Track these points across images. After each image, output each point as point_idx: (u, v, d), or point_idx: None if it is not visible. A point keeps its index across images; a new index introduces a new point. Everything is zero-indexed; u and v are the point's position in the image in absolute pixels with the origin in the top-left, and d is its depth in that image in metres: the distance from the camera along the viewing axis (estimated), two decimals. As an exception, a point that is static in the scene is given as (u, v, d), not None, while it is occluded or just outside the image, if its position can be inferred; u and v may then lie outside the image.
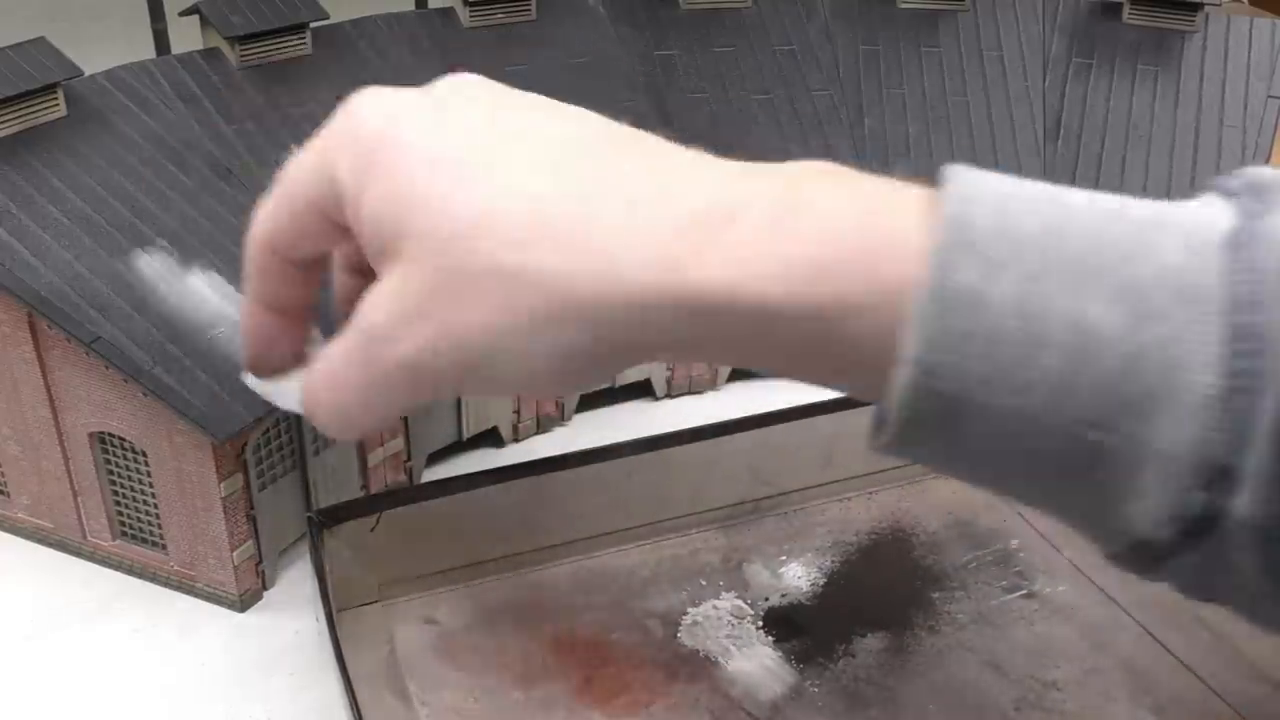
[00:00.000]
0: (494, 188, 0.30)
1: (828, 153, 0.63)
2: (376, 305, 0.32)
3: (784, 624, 0.47)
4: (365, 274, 0.36)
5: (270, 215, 0.34)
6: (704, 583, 0.49)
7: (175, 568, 0.48)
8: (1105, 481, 0.27)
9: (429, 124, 0.32)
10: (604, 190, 0.30)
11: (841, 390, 0.30)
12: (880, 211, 0.28)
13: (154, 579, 0.49)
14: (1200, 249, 0.26)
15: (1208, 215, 0.27)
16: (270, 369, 0.37)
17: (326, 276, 0.37)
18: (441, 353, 0.31)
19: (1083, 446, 0.26)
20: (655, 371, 0.61)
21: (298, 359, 0.37)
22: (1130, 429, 0.26)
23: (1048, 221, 0.27)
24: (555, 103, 0.33)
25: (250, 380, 0.38)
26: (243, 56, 0.53)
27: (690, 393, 0.62)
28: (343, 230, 0.33)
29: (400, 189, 0.31)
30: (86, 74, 0.48)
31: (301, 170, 0.34)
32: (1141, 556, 0.28)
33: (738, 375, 0.63)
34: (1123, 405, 0.25)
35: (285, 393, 0.37)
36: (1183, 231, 0.26)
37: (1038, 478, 0.28)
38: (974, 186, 0.27)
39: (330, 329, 0.35)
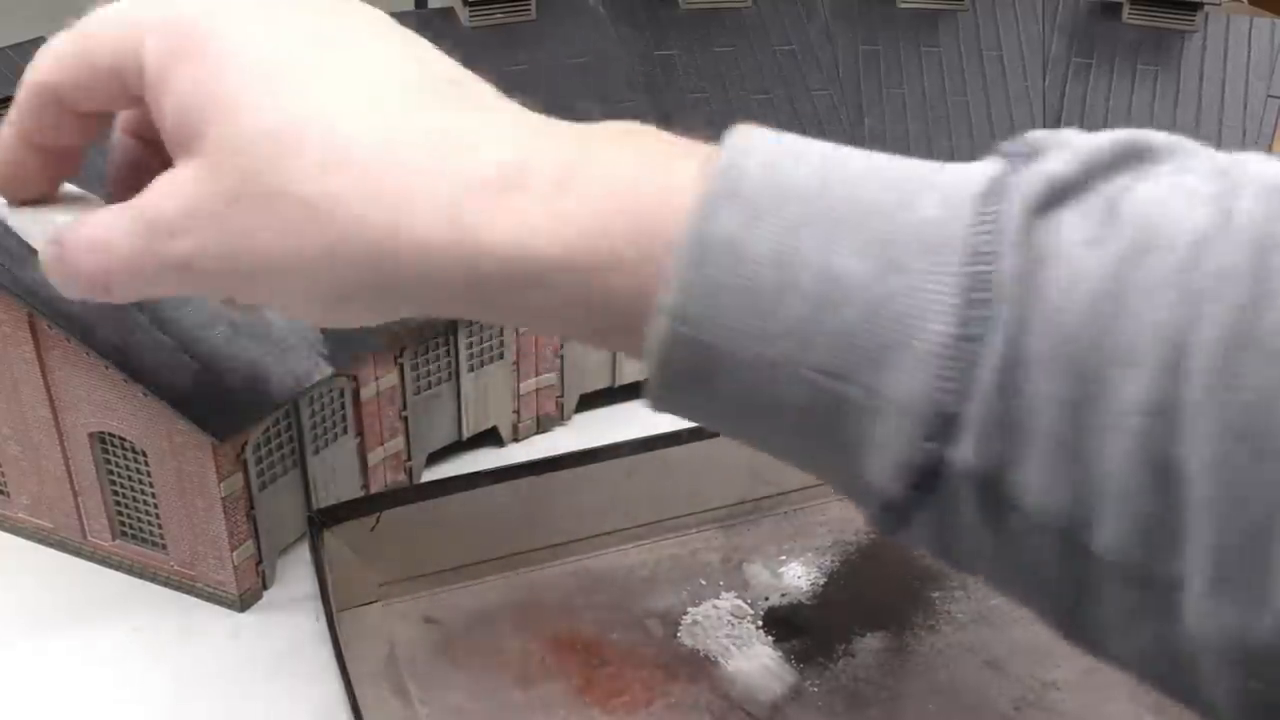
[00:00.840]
0: (306, 107, 0.30)
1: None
2: (166, 194, 0.31)
3: (784, 624, 0.47)
4: (147, 141, 0.36)
5: (59, 61, 0.33)
6: (704, 583, 0.49)
7: (175, 568, 0.48)
8: (846, 434, 0.27)
9: (252, 21, 0.31)
10: (411, 134, 0.30)
11: (620, 351, 0.30)
12: (659, 168, 0.28)
13: (154, 579, 0.49)
14: (955, 204, 0.26)
15: (974, 173, 0.27)
16: (14, 199, 0.37)
17: (105, 130, 0.37)
18: (221, 259, 0.31)
19: (824, 397, 0.26)
20: (655, 371, 0.61)
21: (46, 198, 0.37)
22: (867, 379, 0.26)
23: (817, 175, 0.27)
24: (386, 21, 0.33)
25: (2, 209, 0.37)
26: (243, 56, 0.53)
27: (690, 393, 0.62)
28: (134, 99, 0.33)
29: (210, 85, 0.30)
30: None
31: (104, 29, 0.33)
32: (888, 516, 0.28)
33: (738, 375, 0.63)
34: (861, 355, 0.25)
35: (23, 225, 0.37)
36: (944, 188, 0.26)
37: (789, 432, 0.28)
38: (751, 140, 0.28)
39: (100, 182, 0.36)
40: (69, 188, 0.38)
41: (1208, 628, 0.24)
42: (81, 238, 0.33)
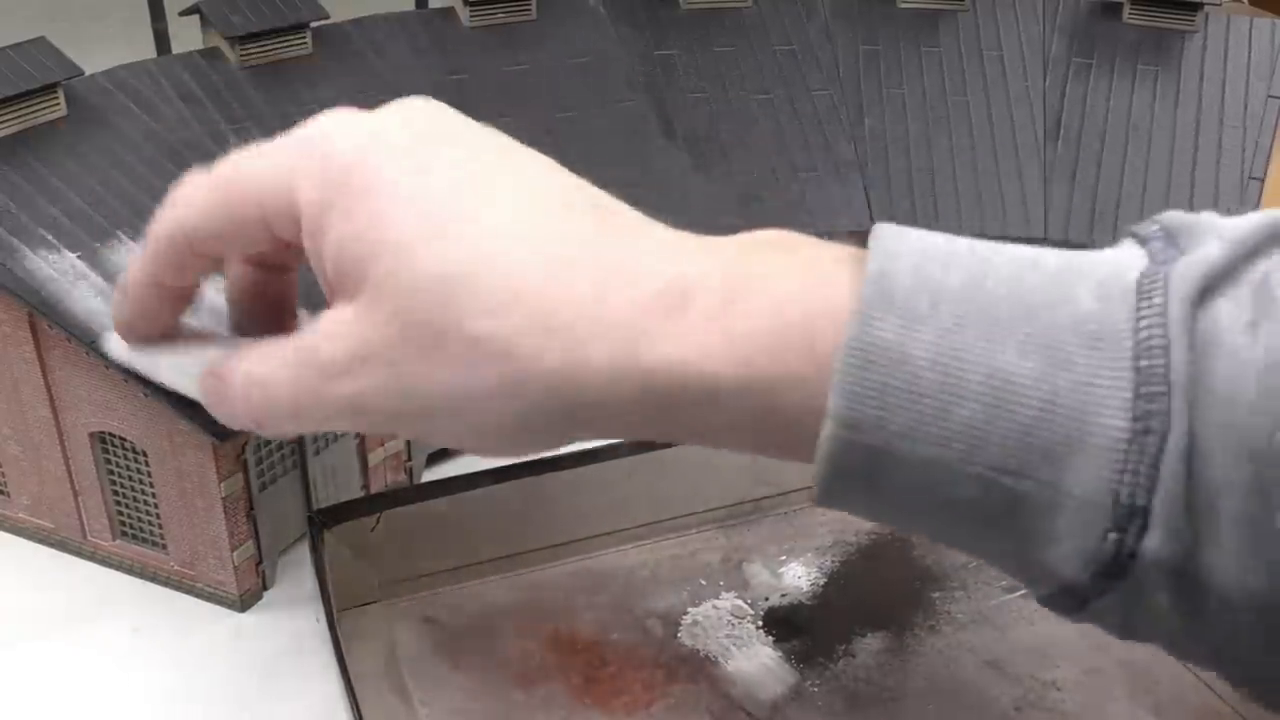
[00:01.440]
0: (469, 248, 0.31)
1: (827, 152, 0.63)
2: (331, 336, 0.32)
3: (784, 624, 0.47)
4: (269, 269, 0.37)
5: (199, 208, 0.34)
6: (704, 583, 0.49)
7: (175, 568, 0.48)
8: (1025, 527, 0.27)
9: (407, 165, 0.32)
10: (573, 264, 0.30)
11: (795, 461, 0.30)
12: (818, 283, 0.29)
13: (154, 579, 0.49)
14: (1110, 295, 0.26)
15: (1120, 262, 0.27)
16: (139, 340, 0.38)
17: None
18: (394, 399, 0.32)
19: (1001, 494, 0.27)
20: (655, 371, 0.61)
21: (167, 335, 0.38)
22: (1045, 475, 0.26)
23: (966, 275, 0.27)
24: (529, 155, 0.34)
25: (113, 346, 0.39)
26: (243, 56, 0.53)
27: (690, 393, 0.62)
28: (277, 242, 0.34)
29: (371, 230, 0.31)
30: (86, 74, 0.48)
31: (254, 177, 0.33)
32: (1068, 599, 0.28)
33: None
34: (1037, 452, 0.26)
35: (154, 365, 0.38)
36: (1095, 279, 0.27)
37: (961, 525, 0.28)
38: (897, 243, 0.28)
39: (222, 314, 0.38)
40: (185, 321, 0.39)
41: None
42: (240, 373, 0.34)
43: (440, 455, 0.56)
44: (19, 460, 0.49)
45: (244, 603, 0.47)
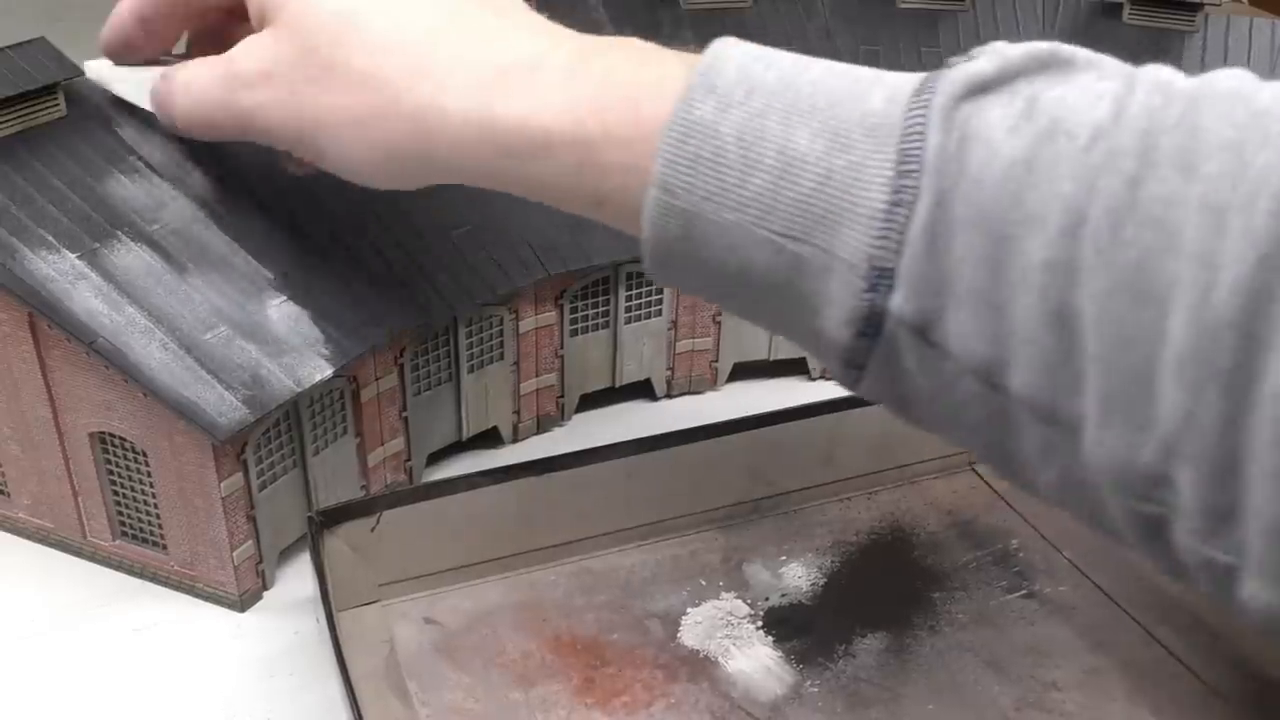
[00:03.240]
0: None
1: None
2: (248, 53, 0.40)
3: (784, 624, 0.47)
4: (224, 12, 0.45)
5: None
6: (704, 583, 0.49)
7: (175, 568, 0.48)
8: (806, 291, 0.31)
9: None
10: (449, 25, 0.37)
11: (605, 221, 0.36)
12: (651, 65, 0.34)
13: (154, 579, 0.49)
14: (896, 97, 0.30)
15: (918, 74, 0.31)
16: (118, 61, 0.47)
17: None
18: (280, 111, 0.40)
19: (786, 258, 0.31)
20: (655, 371, 0.61)
21: (147, 62, 0.47)
22: (819, 240, 0.30)
23: (781, 74, 0.32)
24: None
25: (95, 67, 0.47)
26: (243, 56, 0.53)
27: (690, 393, 0.62)
28: None
29: None
30: (86, 74, 0.48)
31: None
32: (849, 370, 0.32)
33: (738, 375, 0.63)
34: (815, 219, 0.30)
35: (126, 86, 0.47)
36: (890, 85, 0.31)
37: (761, 293, 0.32)
38: (729, 46, 0.33)
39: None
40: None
41: (1102, 457, 0.28)
42: (178, 80, 0.43)
43: (440, 455, 0.56)
44: (19, 460, 0.49)
45: (244, 603, 0.47)
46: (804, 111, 0.31)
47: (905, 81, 0.31)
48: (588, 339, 0.58)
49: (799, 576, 0.49)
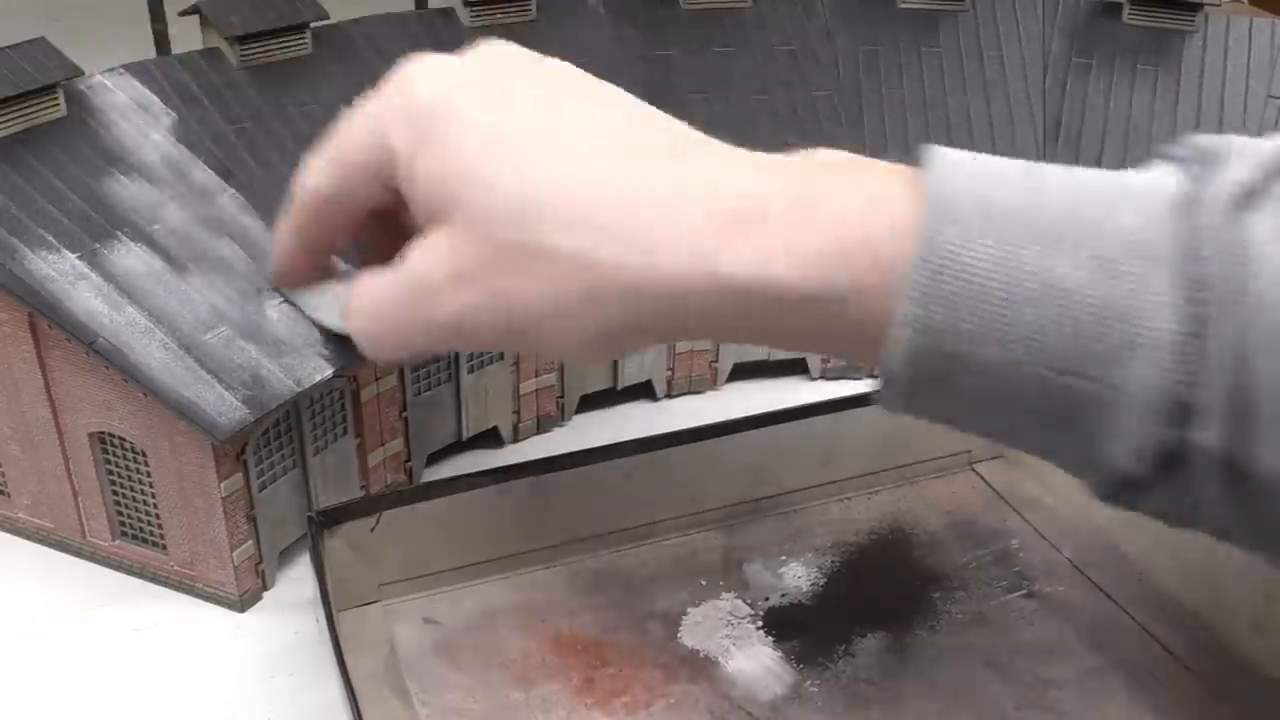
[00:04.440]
0: (546, 171, 0.34)
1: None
2: (427, 260, 0.36)
3: (784, 624, 0.47)
4: (381, 215, 0.41)
5: (321, 170, 0.39)
6: (704, 583, 0.49)
7: (175, 568, 0.48)
8: (1083, 425, 0.29)
9: (483, 99, 0.35)
10: (645, 182, 0.33)
11: (847, 359, 0.35)
12: (880, 199, 0.31)
13: (154, 579, 0.49)
14: (1153, 212, 0.29)
15: (1159, 182, 0.30)
16: (291, 286, 0.44)
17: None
18: (485, 314, 0.35)
19: (1059, 393, 0.29)
20: (655, 372, 0.61)
21: (316, 279, 0.44)
22: (1100, 374, 0.29)
23: (1021, 194, 0.30)
24: (597, 84, 0.37)
25: (291, 295, 0.45)
26: (243, 56, 0.53)
27: (690, 393, 0.62)
28: (391, 192, 0.37)
29: (455, 161, 0.35)
30: (86, 74, 0.48)
31: (354, 132, 0.38)
32: (1125, 493, 0.30)
33: (738, 375, 0.63)
34: (1092, 353, 0.28)
35: (311, 306, 0.44)
36: (1138, 198, 0.29)
37: (1026, 423, 0.31)
38: (949, 163, 0.31)
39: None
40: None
41: None
42: (360, 304, 0.39)
43: (440, 455, 0.56)
44: (19, 460, 0.49)
45: (244, 603, 0.47)
46: (1058, 236, 0.29)
47: (1156, 191, 0.29)
48: (588, 339, 0.58)
49: (799, 576, 0.49)
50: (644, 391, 0.61)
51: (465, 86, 0.36)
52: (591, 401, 0.60)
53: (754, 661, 0.45)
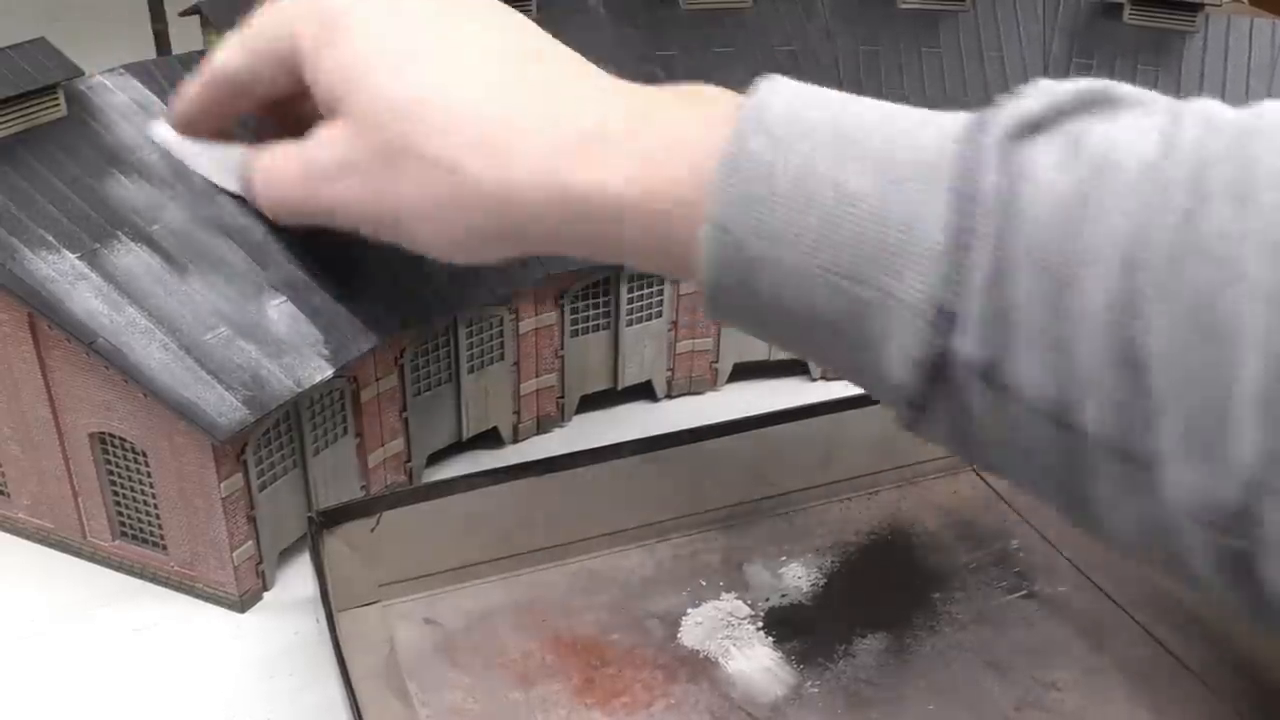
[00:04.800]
0: (428, 83, 0.37)
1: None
2: (322, 144, 0.40)
3: (784, 624, 0.47)
4: (285, 106, 0.45)
5: (234, 51, 0.43)
6: (704, 583, 0.49)
7: (175, 568, 0.48)
8: (865, 331, 0.31)
9: (383, 10, 0.39)
10: (514, 101, 0.37)
11: (676, 277, 0.37)
12: (709, 119, 0.33)
13: (154, 579, 0.49)
14: (945, 136, 0.30)
15: (966, 114, 0.31)
16: (188, 134, 0.47)
17: None
18: (364, 204, 0.40)
19: (844, 297, 0.31)
20: (655, 372, 0.61)
21: (213, 138, 0.47)
22: (878, 281, 0.30)
23: (831, 113, 0.32)
24: (498, 8, 0.41)
25: (161, 132, 0.47)
26: (243, 56, 0.53)
27: (690, 393, 0.62)
28: (291, 80, 0.42)
29: (352, 62, 0.39)
30: (86, 74, 0.48)
31: (267, 25, 0.42)
32: (912, 411, 0.31)
33: (738, 375, 0.63)
34: (871, 259, 0.30)
35: (202, 161, 0.47)
36: (939, 126, 0.31)
37: (823, 334, 0.32)
38: (777, 85, 0.33)
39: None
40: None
41: (1182, 495, 0.27)
42: (259, 172, 0.44)
43: (440, 455, 0.56)
44: (19, 460, 0.49)
45: (244, 603, 0.47)
46: (855, 150, 0.31)
47: (954, 121, 0.31)
48: (588, 339, 0.58)
49: (799, 577, 0.49)
50: (644, 392, 0.61)
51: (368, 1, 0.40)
52: (591, 401, 0.60)
53: (754, 662, 0.45)
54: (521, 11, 0.59)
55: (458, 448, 0.57)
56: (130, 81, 0.50)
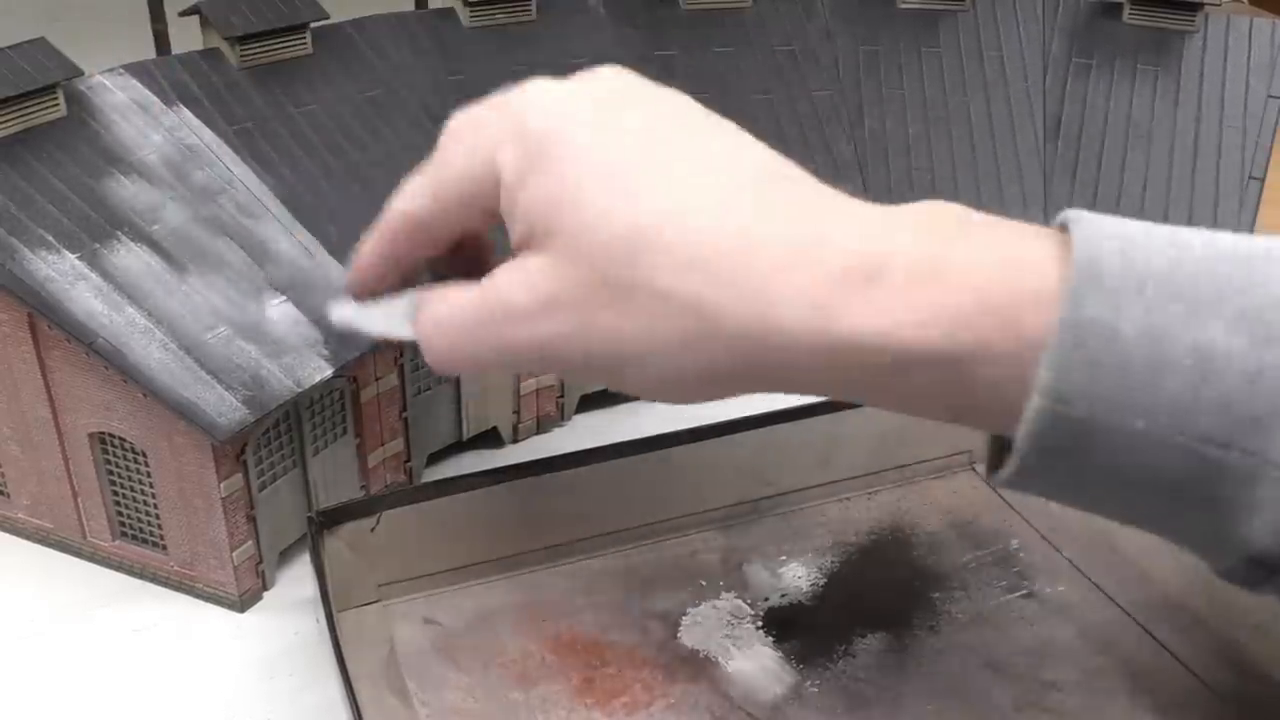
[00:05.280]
0: (658, 206, 0.32)
1: (828, 152, 0.63)
2: (517, 283, 0.34)
3: (784, 624, 0.47)
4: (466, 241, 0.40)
5: (420, 193, 0.37)
6: (704, 583, 0.49)
7: (175, 568, 0.48)
8: (1224, 498, 0.28)
9: (597, 128, 0.34)
10: (761, 228, 0.31)
11: (974, 427, 0.32)
12: (1015, 262, 0.30)
13: (154, 579, 0.49)
14: None
15: None
16: (362, 297, 0.41)
17: None
18: (575, 345, 0.34)
19: (1204, 465, 0.28)
20: (655, 371, 0.61)
21: (393, 292, 0.41)
22: (1249, 444, 0.27)
23: (1168, 259, 0.28)
24: (714, 119, 0.35)
25: (339, 311, 0.41)
26: (243, 57, 0.53)
27: (690, 393, 0.62)
28: (487, 217, 0.37)
29: (564, 189, 0.33)
30: (86, 74, 0.48)
31: (459, 156, 0.36)
32: (1256, 570, 0.29)
33: (738, 375, 0.63)
34: (1242, 423, 0.27)
35: (377, 322, 0.41)
36: None
37: (1159, 500, 0.29)
38: (1099, 229, 0.29)
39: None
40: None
41: None
42: (434, 321, 0.37)
43: (440, 456, 0.56)
44: (19, 460, 0.49)
45: (244, 603, 0.47)
46: (1207, 299, 0.28)
47: None
48: (588, 339, 0.58)
49: (799, 576, 0.49)
50: (644, 391, 0.61)
51: (581, 113, 0.34)
52: (591, 401, 0.60)
53: (754, 661, 0.45)
54: (521, 12, 0.60)
55: (458, 448, 0.57)
56: (130, 81, 0.50)
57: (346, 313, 0.41)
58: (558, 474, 0.48)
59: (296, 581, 0.48)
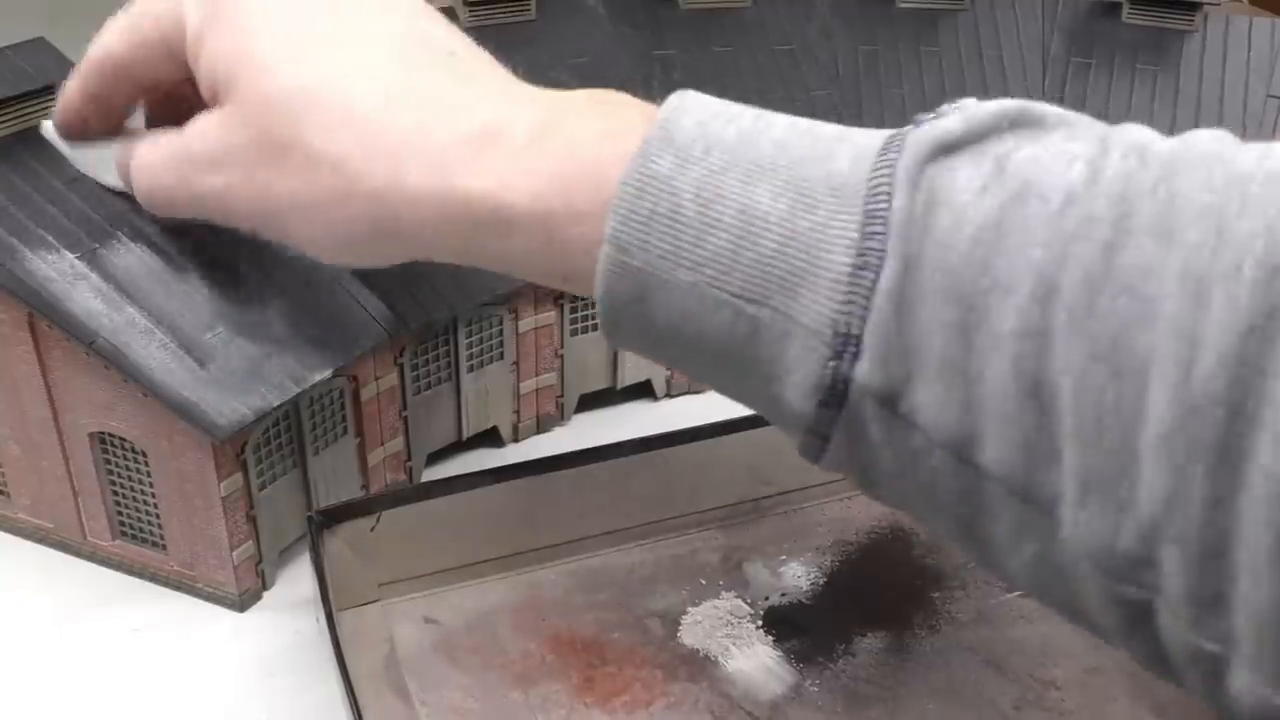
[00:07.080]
0: (317, 73, 0.35)
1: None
2: (201, 135, 0.38)
3: (784, 624, 0.47)
4: (176, 97, 0.42)
5: (116, 33, 0.41)
6: (704, 582, 0.49)
7: (175, 568, 0.48)
8: (764, 358, 0.30)
9: None
10: (408, 97, 0.34)
11: (567, 291, 0.35)
12: (615, 132, 0.32)
13: (154, 579, 0.49)
14: (862, 156, 0.29)
15: (884, 132, 0.30)
16: (73, 140, 0.44)
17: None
18: (242, 198, 0.37)
19: (743, 322, 0.29)
20: (655, 372, 0.61)
21: (106, 134, 0.43)
22: (779, 304, 0.29)
23: (744, 131, 0.30)
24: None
25: (50, 130, 0.45)
26: (242, 56, 0.53)
27: (690, 393, 0.62)
28: (178, 66, 0.39)
29: (239, 44, 0.36)
30: (86, 74, 0.48)
31: (151, 5, 0.40)
32: (811, 440, 0.30)
33: (737, 375, 0.63)
34: (775, 282, 0.29)
35: (83, 158, 0.45)
36: (856, 145, 0.29)
37: (718, 358, 0.31)
38: (689, 101, 0.32)
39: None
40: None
41: (1080, 537, 0.27)
42: (136, 163, 0.41)
43: (440, 455, 0.56)
44: (19, 460, 0.49)
45: (244, 603, 0.47)
46: (766, 170, 0.29)
47: (871, 140, 0.29)
48: (587, 339, 0.58)
49: (799, 576, 0.49)
50: (644, 391, 0.61)
51: None
52: (591, 401, 0.60)
53: (754, 661, 0.45)
54: (521, 12, 0.60)
55: (457, 447, 0.57)
56: (130, 81, 0.50)
57: (53, 137, 0.44)
58: (558, 474, 0.48)
59: (296, 581, 0.48)
